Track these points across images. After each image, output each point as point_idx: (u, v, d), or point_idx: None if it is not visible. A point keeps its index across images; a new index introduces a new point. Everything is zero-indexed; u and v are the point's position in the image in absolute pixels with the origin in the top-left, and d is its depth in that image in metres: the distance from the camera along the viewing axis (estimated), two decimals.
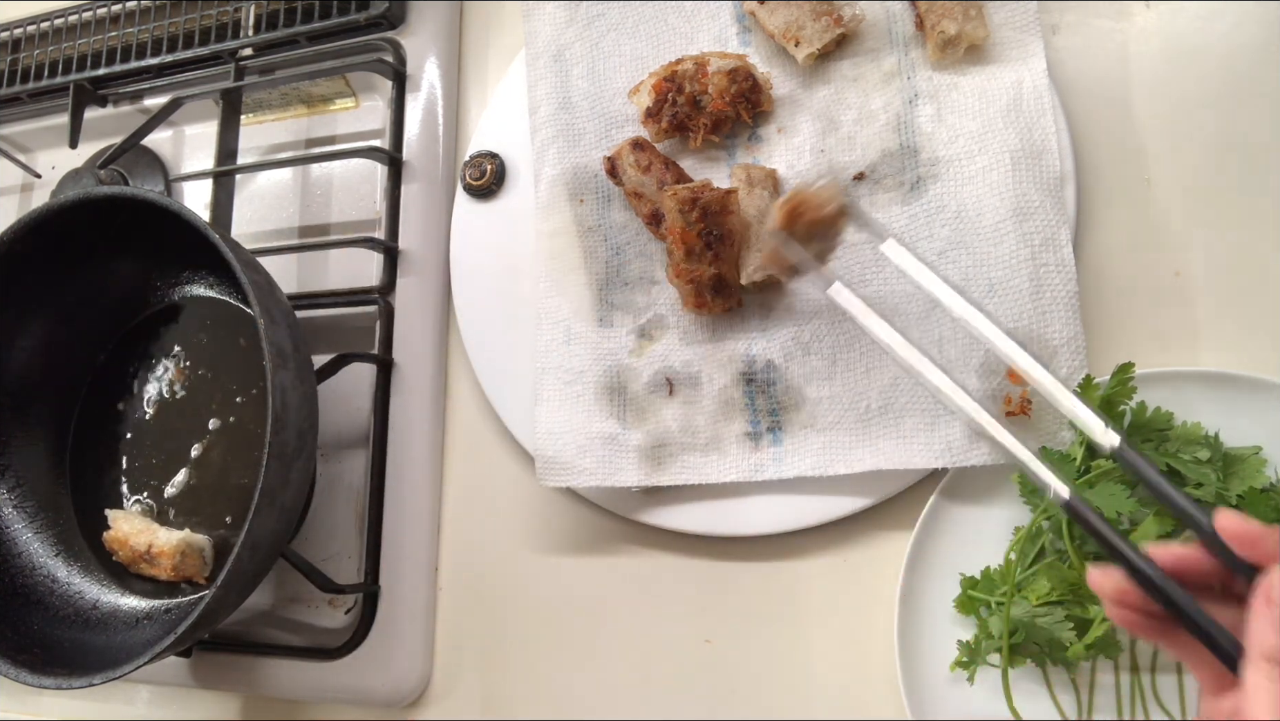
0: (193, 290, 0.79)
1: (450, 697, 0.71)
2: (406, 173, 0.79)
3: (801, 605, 0.64)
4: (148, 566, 0.71)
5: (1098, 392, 0.54)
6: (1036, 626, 0.54)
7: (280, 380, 0.60)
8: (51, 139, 0.96)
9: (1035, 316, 0.58)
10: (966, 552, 0.58)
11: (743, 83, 0.66)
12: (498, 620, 0.70)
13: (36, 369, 0.78)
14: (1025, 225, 0.59)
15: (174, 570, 0.70)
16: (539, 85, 0.74)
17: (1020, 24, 0.64)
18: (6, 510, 0.76)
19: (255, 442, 0.73)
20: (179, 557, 0.70)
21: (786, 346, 0.64)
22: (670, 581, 0.67)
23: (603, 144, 0.72)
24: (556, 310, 0.70)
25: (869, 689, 0.61)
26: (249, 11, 0.86)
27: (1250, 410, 0.55)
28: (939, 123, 0.63)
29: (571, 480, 0.66)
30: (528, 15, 0.76)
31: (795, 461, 0.62)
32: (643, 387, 0.67)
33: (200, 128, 0.91)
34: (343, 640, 0.71)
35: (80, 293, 0.78)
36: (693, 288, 0.64)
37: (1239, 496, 0.52)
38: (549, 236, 0.71)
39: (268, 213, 0.86)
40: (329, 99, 0.86)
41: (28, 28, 0.95)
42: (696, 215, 0.62)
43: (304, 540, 0.76)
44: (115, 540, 0.73)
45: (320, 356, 0.72)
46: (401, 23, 0.83)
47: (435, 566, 0.73)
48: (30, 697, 0.83)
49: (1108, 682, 0.55)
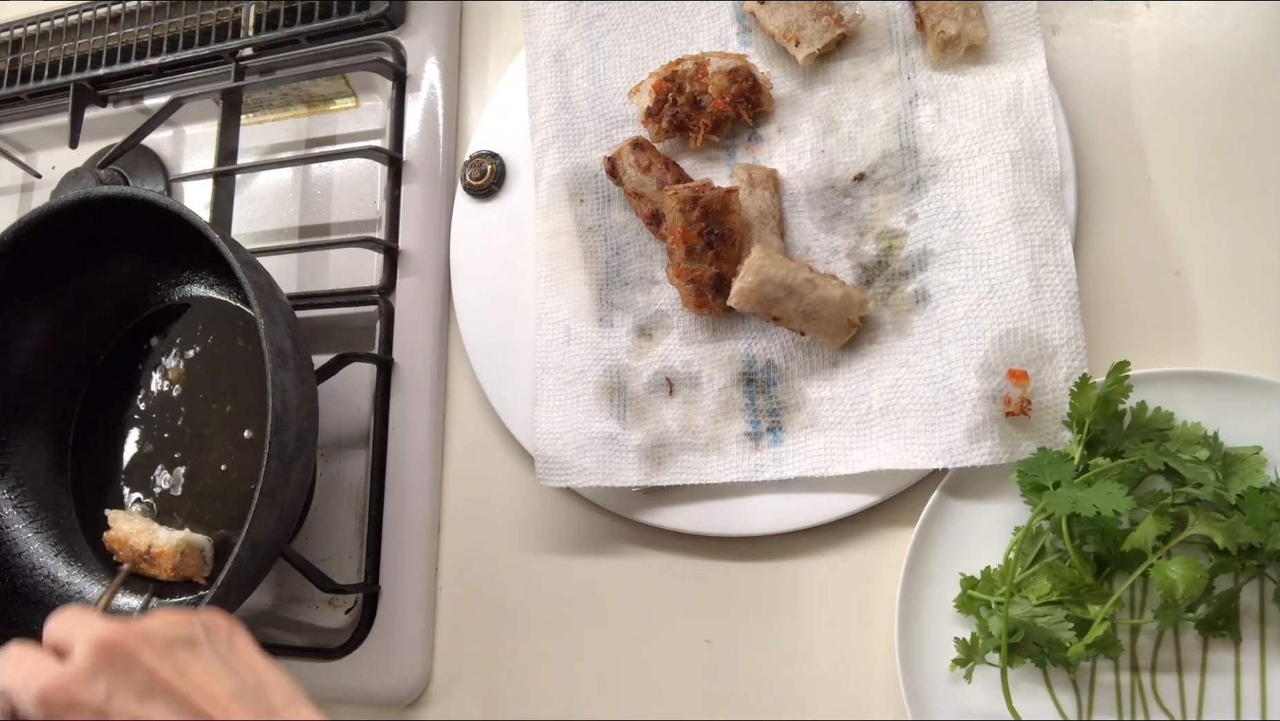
0: (193, 290, 0.79)
1: (450, 697, 0.71)
2: (406, 173, 0.79)
3: (801, 605, 0.64)
4: (148, 566, 0.71)
5: (1094, 392, 0.54)
6: (1036, 626, 0.54)
7: (280, 380, 0.60)
8: (51, 139, 0.96)
9: (1035, 316, 0.58)
10: (967, 552, 0.58)
11: (743, 83, 0.66)
12: (498, 620, 0.70)
13: (37, 369, 0.78)
14: (1025, 225, 0.59)
15: (174, 570, 0.70)
16: (539, 85, 0.74)
17: (1020, 24, 0.64)
18: (6, 510, 0.76)
19: (255, 442, 0.73)
20: (179, 557, 0.70)
21: (786, 346, 0.64)
22: (670, 581, 0.67)
23: (603, 144, 0.72)
24: (556, 310, 0.70)
25: (869, 689, 0.61)
26: (249, 11, 0.86)
27: (1250, 410, 0.55)
28: (939, 123, 0.63)
29: (571, 480, 0.66)
30: (528, 15, 0.76)
31: (795, 461, 0.62)
32: (643, 387, 0.67)
33: (200, 128, 0.91)
34: (343, 640, 0.71)
35: (80, 293, 0.78)
36: (693, 287, 0.64)
37: (1239, 496, 0.51)
38: (549, 236, 0.71)
39: (268, 213, 0.86)
40: (329, 99, 0.86)
41: (28, 28, 0.95)
42: (697, 215, 0.62)
43: (304, 540, 0.76)
44: (115, 540, 0.73)
45: (320, 356, 0.72)
46: (401, 23, 0.83)
47: (435, 566, 0.73)
48: None
49: (1108, 682, 0.55)
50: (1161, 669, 0.55)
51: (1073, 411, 0.55)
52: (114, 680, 0.43)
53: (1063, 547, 0.55)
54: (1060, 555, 0.55)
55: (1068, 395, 0.56)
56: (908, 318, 0.62)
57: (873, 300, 0.63)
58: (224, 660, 0.46)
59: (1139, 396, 0.55)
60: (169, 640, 0.45)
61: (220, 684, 0.44)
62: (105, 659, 0.43)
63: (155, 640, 0.45)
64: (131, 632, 0.44)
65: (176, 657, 0.45)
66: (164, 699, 0.43)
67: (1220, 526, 0.51)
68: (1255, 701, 0.53)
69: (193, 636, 0.46)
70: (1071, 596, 0.54)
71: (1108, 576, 0.55)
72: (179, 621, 0.46)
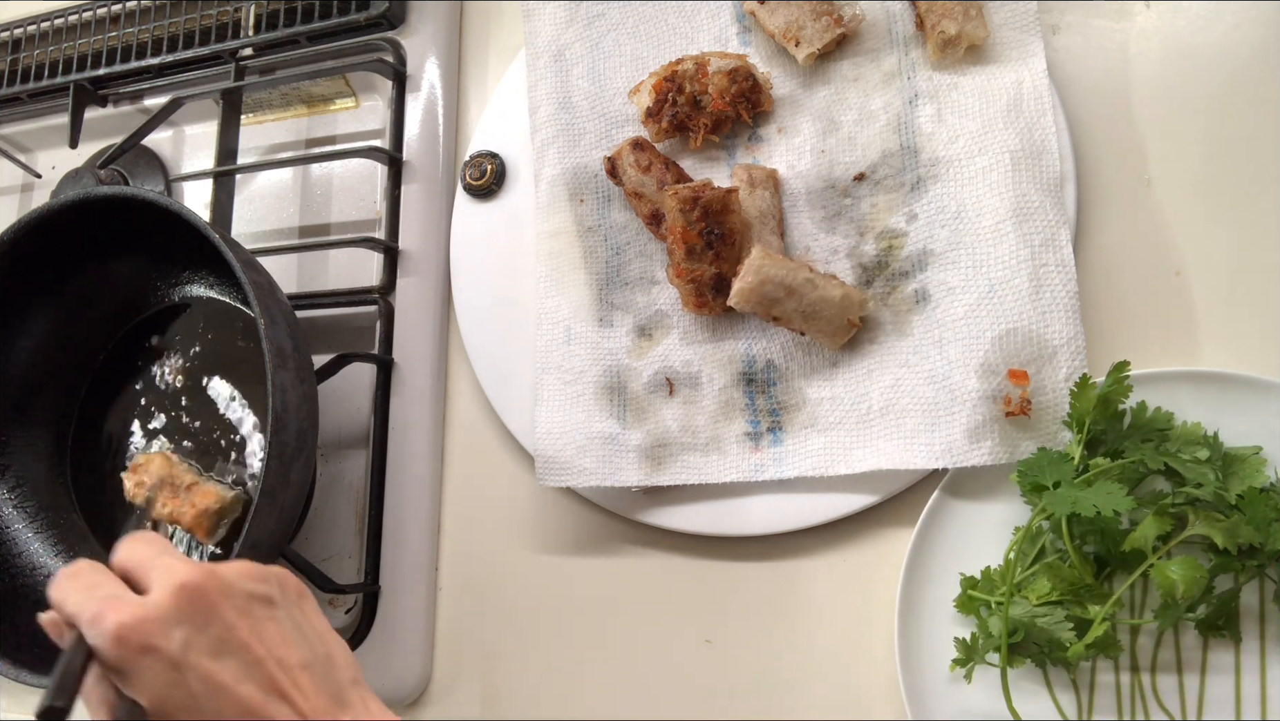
0: (193, 290, 0.79)
1: (450, 697, 0.71)
2: (406, 173, 0.79)
3: (801, 605, 0.64)
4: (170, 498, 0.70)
5: (1094, 392, 0.54)
6: (1036, 626, 0.54)
7: (280, 380, 0.60)
8: (51, 139, 0.96)
9: (1035, 316, 0.58)
10: (967, 552, 0.58)
11: (743, 83, 0.66)
12: (498, 620, 0.70)
13: (37, 369, 0.78)
14: (1025, 225, 0.59)
15: (195, 517, 0.69)
16: (539, 85, 0.74)
17: (1020, 24, 0.64)
18: (7, 510, 0.76)
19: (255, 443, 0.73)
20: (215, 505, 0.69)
21: (787, 346, 0.64)
22: (670, 581, 0.67)
23: (603, 144, 0.72)
24: (556, 310, 0.70)
25: (869, 688, 0.61)
26: (249, 11, 0.86)
27: (1250, 410, 0.55)
28: (939, 123, 0.63)
29: (571, 480, 0.66)
30: (528, 15, 0.76)
31: (795, 461, 0.62)
32: (643, 387, 0.67)
33: (200, 128, 0.91)
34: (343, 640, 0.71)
35: (80, 292, 0.78)
36: (693, 287, 0.64)
37: (1239, 496, 0.51)
38: (549, 236, 0.71)
39: (268, 213, 0.86)
40: (329, 99, 0.86)
41: (28, 28, 0.95)
42: (697, 214, 0.62)
43: (304, 540, 0.76)
44: (147, 466, 0.72)
45: (320, 356, 0.72)
46: (401, 23, 0.83)
47: (435, 566, 0.73)
48: (30, 697, 0.83)
49: (1108, 682, 0.55)
50: (1161, 669, 0.55)
51: (1073, 411, 0.55)
52: (193, 630, 0.40)
53: (1063, 547, 0.55)
54: (1060, 555, 0.55)
55: (1068, 395, 0.56)
56: (908, 318, 0.62)
57: (873, 300, 0.63)
58: (297, 624, 0.44)
59: (1139, 396, 0.55)
60: (249, 595, 0.43)
61: (293, 650, 0.42)
62: (188, 605, 0.41)
63: (236, 593, 0.42)
64: (215, 579, 0.42)
65: (255, 614, 0.42)
66: (238, 657, 0.41)
67: (1220, 526, 0.51)
68: (1255, 701, 0.53)
69: (270, 594, 0.44)
70: (1071, 596, 0.54)
71: (1108, 576, 0.55)
72: (259, 574, 0.44)
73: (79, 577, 0.43)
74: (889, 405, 0.61)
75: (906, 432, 0.60)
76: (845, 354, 0.63)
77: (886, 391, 0.61)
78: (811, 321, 0.60)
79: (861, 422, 0.61)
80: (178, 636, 0.40)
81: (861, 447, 0.61)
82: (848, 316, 0.60)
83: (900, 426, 0.60)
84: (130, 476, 0.73)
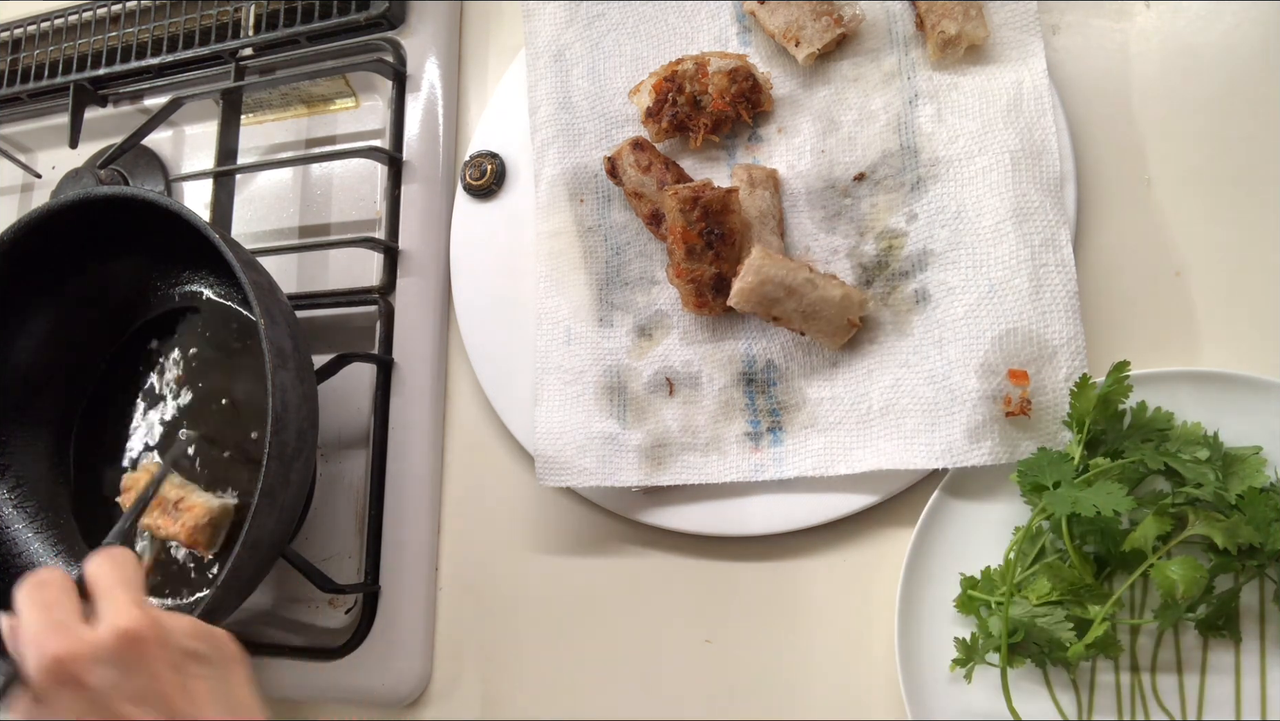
0: (193, 290, 0.79)
1: (450, 697, 0.71)
2: (406, 173, 0.79)
3: (801, 605, 0.64)
4: (160, 517, 0.70)
5: (1094, 392, 0.54)
6: (1036, 626, 0.54)
7: (280, 380, 0.60)
8: (51, 139, 0.96)
9: (1035, 316, 0.58)
10: (967, 552, 0.58)
11: (743, 83, 0.66)
12: (498, 620, 0.70)
13: (37, 369, 0.78)
14: (1025, 225, 0.59)
15: (190, 532, 0.70)
16: (539, 85, 0.74)
17: (1020, 24, 0.64)
18: (7, 510, 0.76)
19: (255, 443, 0.73)
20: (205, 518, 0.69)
21: (786, 346, 0.64)
22: (670, 581, 0.67)
23: (603, 144, 0.72)
24: (556, 310, 0.70)
25: (869, 688, 0.61)
26: (249, 11, 0.86)
27: (1250, 410, 0.55)
28: (939, 123, 0.63)
29: (571, 480, 0.66)
30: (528, 15, 0.76)
31: (795, 461, 0.62)
32: (643, 387, 0.67)
33: (200, 128, 0.91)
34: (343, 640, 0.71)
35: (81, 293, 0.78)
36: (693, 287, 0.64)
37: (1239, 496, 0.51)
38: (549, 236, 0.71)
39: (268, 213, 0.86)
40: (329, 99, 0.86)
41: (28, 28, 0.95)
42: (697, 214, 0.62)
43: (304, 540, 0.76)
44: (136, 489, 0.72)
45: (320, 356, 0.72)
46: (401, 23, 0.83)
47: (435, 566, 0.73)
48: None
49: (1108, 682, 0.55)
50: (1161, 669, 0.55)
51: (1073, 411, 0.55)
52: (121, 674, 0.43)
53: (1063, 547, 0.55)
54: (1060, 555, 0.55)
55: (1068, 395, 0.56)
56: (908, 318, 0.62)
57: (873, 300, 0.63)
58: (227, 689, 0.46)
59: (1139, 396, 0.55)
60: (186, 651, 0.45)
61: (213, 711, 0.45)
62: (123, 650, 0.43)
63: (173, 647, 0.45)
64: (156, 629, 0.44)
65: (186, 670, 0.45)
66: (157, 708, 0.43)
67: (1220, 526, 0.51)
68: (1255, 701, 0.53)
69: (206, 653, 0.46)
70: (1071, 596, 0.54)
71: (1108, 576, 0.55)
72: (201, 633, 0.46)
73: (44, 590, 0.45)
74: (889, 405, 0.61)
75: (906, 432, 0.60)
76: (845, 354, 0.63)
77: (886, 391, 0.61)
78: (811, 321, 0.60)
79: (861, 422, 0.61)
80: (107, 676, 0.43)
81: (861, 447, 0.61)
82: (848, 316, 0.60)
83: (900, 426, 0.60)
84: (124, 500, 0.73)
